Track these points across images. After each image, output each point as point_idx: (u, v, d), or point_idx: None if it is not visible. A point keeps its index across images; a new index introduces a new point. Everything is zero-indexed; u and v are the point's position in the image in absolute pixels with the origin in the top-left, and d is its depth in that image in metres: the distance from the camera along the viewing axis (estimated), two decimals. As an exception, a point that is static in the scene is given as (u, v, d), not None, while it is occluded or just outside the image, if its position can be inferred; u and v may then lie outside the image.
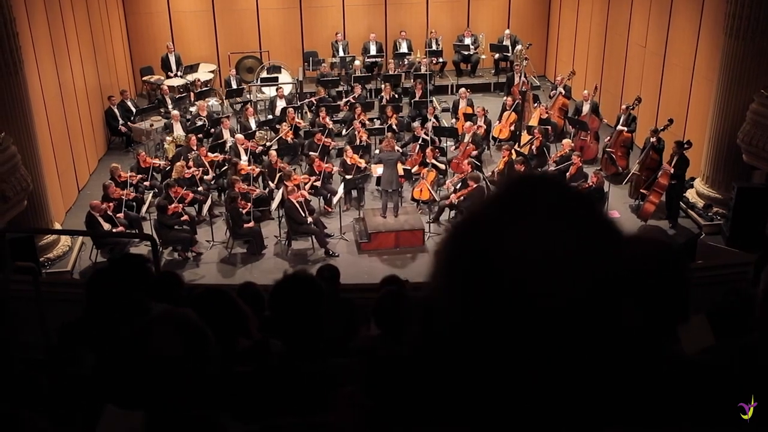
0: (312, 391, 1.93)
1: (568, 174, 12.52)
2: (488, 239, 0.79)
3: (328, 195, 12.91)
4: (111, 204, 11.63)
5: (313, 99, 16.03)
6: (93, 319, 2.40)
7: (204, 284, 9.42)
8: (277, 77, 17.09)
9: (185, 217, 11.62)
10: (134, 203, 12.38)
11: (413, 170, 13.21)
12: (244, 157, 13.60)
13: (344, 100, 16.08)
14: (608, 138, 14.21)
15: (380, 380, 1.51)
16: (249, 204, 11.82)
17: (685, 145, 12.16)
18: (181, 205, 11.78)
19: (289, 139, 14.30)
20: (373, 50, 18.34)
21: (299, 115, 15.57)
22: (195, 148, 13.60)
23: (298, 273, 2.43)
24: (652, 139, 12.67)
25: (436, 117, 14.94)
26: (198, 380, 1.54)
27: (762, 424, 0.86)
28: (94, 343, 2.37)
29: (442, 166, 13.20)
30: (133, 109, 15.85)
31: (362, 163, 13.15)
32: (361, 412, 1.48)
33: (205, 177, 12.96)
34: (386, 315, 3.66)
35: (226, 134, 14.37)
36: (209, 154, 13.42)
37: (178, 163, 12.73)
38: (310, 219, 11.67)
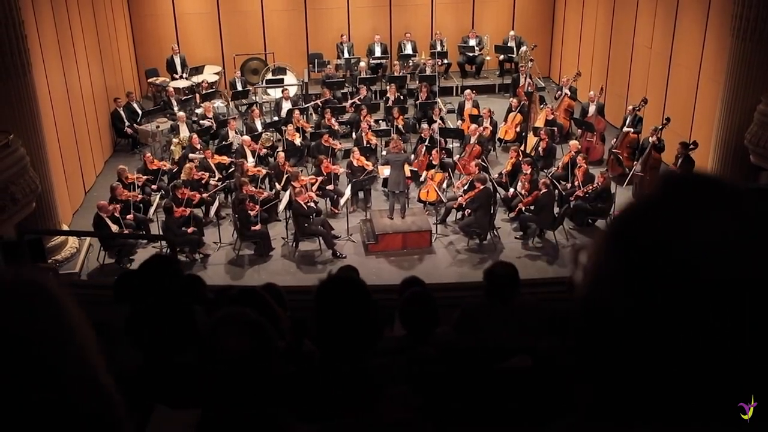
0: (359, 391, 1.94)
1: (575, 176, 12.52)
2: (663, 231, 0.81)
3: (335, 196, 12.92)
4: (118, 206, 11.64)
5: (318, 101, 16.04)
6: (139, 319, 2.41)
7: (219, 285, 9.40)
8: (282, 79, 17.11)
9: (191, 229, 11.60)
10: (141, 205, 12.38)
11: (423, 175, 13.15)
12: (250, 159, 13.63)
13: (350, 101, 16.10)
14: (614, 139, 14.23)
15: (430, 379, 1.52)
16: (257, 206, 11.83)
17: (691, 146, 12.17)
18: (189, 209, 11.79)
19: (296, 141, 14.29)
20: (377, 52, 18.36)
21: (304, 117, 15.58)
22: (198, 147, 13.64)
23: (344, 274, 2.43)
24: (652, 139, 12.68)
25: (441, 118, 14.95)
26: (264, 379, 1.55)
27: (762, 424, 0.87)
28: (141, 344, 2.37)
29: (444, 174, 13.14)
30: (139, 111, 15.87)
31: (369, 165, 13.17)
32: (412, 410, 1.49)
33: (212, 181, 12.97)
34: (413, 316, 3.66)
35: (233, 135, 14.39)
36: (215, 156, 13.44)
37: (188, 165, 12.75)
38: (313, 205, 11.77)
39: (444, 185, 12.85)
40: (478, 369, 2.56)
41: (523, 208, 12.07)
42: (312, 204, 11.90)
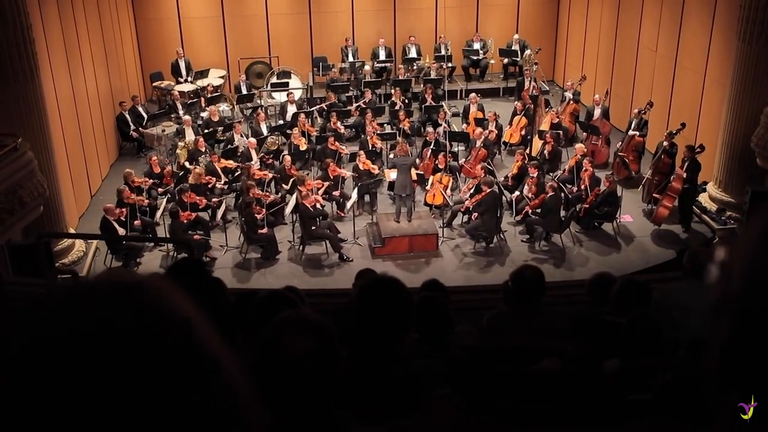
0: (403, 393, 1.94)
1: (582, 180, 12.51)
2: None
3: (341, 200, 12.92)
4: (124, 210, 11.64)
5: (323, 105, 16.05)
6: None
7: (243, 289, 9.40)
8: (287, 82, 17.13)
9: (197, 237, 11.60)
10: (147, 209, 12.39)
11: (430, 179, 13.13)
12: (255, 158, 13.65)
13: (355, 105, 16.10)
14: (619, 143, 14.23)
15: (468, 381, 1.52)
16: (263, 210, 11.84)
17: (697, 149, 12.16)
18: (194, 213, 11.80)
19: (301, 144, 14.27)
20: (382, 55, 18.38)
21: (310, 120, 15.59)
22: (203, 150, 13.66)
23: (388, 277, 2.44)
24: (665, 143, 12.68)
25: (446, 122, 14.96)
26: (329, 380, 1.55)
27: (762, 424, 0.87)
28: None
29: (450, 177, 13.12)
30: (144, 115, 15.88)
31: (375, 169, 13.18)
32: (457, 412, 1.49)
33: (218, 185, 12.98)
34: (424, 320, 3.65)
35: (238, 139, 14.40)
36: (222, 159, 13.46)
37: (197, 169, 12.74)
38: (320, 207, 11.81)
39: (450, 188, 12.86)
40: (511, 371, 2.56)
41: (530, 211, 12.07)
42: (318, 207, 11.92)
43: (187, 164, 13.45)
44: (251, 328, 2.59)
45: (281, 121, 15.76)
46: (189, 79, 17.56)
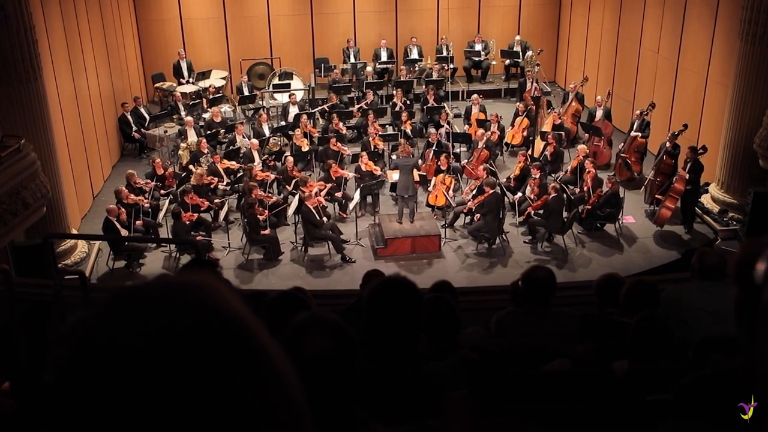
0: (419, 393, 1.94)
1: (585, 181, 12.51)
2: None
3: (344, 201, 12.92)
4: (123, 210, 11.63)
5: (325, 106, 16.05)
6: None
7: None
8: (288, 83, 17.13)
9: (199, 238, 11.61)
10: (150, 209, 12.39)
11: (432, 180, 13.12)
12: (257, 159, 13.65)
13: (357, 106, 16.11)
14: (622, 144, 14.23)
15: (483, 382, 1.52)
16: (266, 211, 11.84)
17: (700, 150, 12.17)
18: (197, 214, 11.80)
19: (303, 146, 14.28)
20: (384, 56, 18.38)
21: (311, 121, 15.60)
22: (206, 151, 13.66)
23: (399, 278, 2.44)
24: (668, 144, 12.68)
25: (448, 123, 14.96)
26: (349, 382, 1.56)
27: (762, 424, 0.86)
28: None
29: (450, 180, 13.11)
30: (146, 116, 15.88)
31: (377, 170, 13.18)
32: (474, 414, 1.49)
33: (220, 186, 12.98)
34: (433, 321, 3.64)
35: (240, 140, 14.41)
36: (224, 160, 13.46)
37: (198, 170, 12.74)
38: (325, 219, 11.76)
39: (452, 190, 12.86)
40: (523, 372, 2.56)
41: (532, 213, 12.07)
42: (325, 218, 11.90)
43: (190, 166, 13.47)
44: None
45: (283, 122, 15.76)
46: (191, 80, 17.57)
